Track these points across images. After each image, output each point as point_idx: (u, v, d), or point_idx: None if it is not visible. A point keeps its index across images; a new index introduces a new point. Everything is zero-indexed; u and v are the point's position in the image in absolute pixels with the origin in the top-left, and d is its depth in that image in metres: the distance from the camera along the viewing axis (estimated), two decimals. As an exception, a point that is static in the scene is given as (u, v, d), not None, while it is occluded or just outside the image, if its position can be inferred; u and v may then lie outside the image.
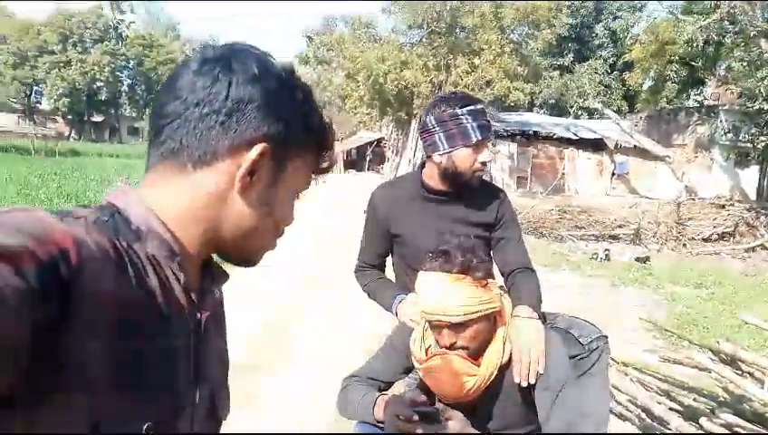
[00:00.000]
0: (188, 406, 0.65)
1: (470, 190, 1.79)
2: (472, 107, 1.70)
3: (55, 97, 47.00)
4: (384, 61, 18.32)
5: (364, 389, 1.61)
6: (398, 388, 1.76)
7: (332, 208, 13.10)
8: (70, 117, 50.49)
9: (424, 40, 19.34)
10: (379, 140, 31.64)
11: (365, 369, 1.70)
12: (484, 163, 1.75)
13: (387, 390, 1.67)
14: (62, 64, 46.73)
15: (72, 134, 50.33)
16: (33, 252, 0.45)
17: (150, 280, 0.60)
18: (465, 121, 1.70)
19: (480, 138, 1.70)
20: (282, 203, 0.71)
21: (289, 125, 0.67)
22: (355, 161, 32.99)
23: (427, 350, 1.53)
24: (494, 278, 1.50)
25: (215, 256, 0.74)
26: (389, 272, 2.03)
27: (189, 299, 0.66)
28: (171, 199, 0.65)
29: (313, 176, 0.75)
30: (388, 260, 2.03)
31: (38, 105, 53.78)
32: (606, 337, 1.63)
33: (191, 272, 0.68)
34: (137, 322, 0.56)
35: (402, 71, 18.30)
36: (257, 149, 0.64)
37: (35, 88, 52.28)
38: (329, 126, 0.74)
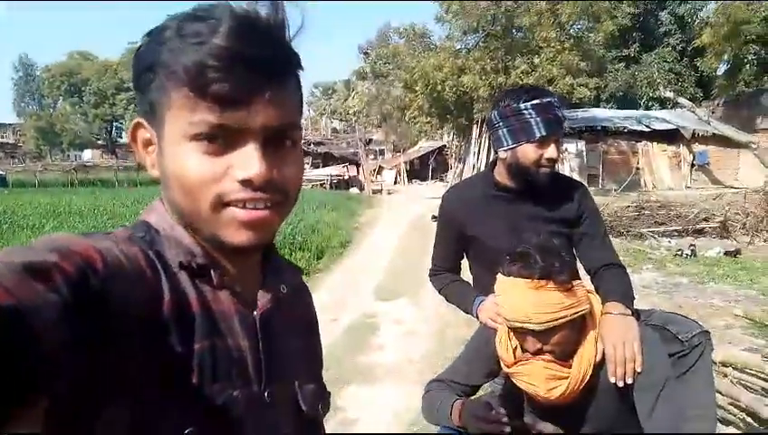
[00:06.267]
0: (251, 407, 0.63)
1: (545, 186, 1.71)
2: (537, 101, 1.64)
3: (133, 131, 51.19)
4: (441, 68, 18.27)
5: (443, 395, 1.57)
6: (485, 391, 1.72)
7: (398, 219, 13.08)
8: (148, 149, 54.88)
9: (480, 44, 19.15)
10: (441, 149, 31.55)
11: (448, 373, 1.67)
12: (550, 159, 1.67)
13: (473, 394, 1.62)
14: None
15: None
16: (62, 266, 0.45)
17: (184, 286, 0.60)
18: (528, 116, 1.64)
19: (544, 133, 1.63)
20: (173, 159, 0.60)
21: (139, 85, 0.63)
22: (418, 171, 32.98)
23: (514, 350, 1.47)
24: (578, 279, 1.43)
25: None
26: (465, 273, 1.98)
27: (238, 299, 0.65)
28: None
29: (209, 105, 0.57)
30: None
31: (119, 140, 58.05)
32: (708, 332, 1.52)
33: (238, 270, 0.66)
34: (172, 327, 0.57)
35: (460, 77, 18.17)
36: (131, 126, 0.66)
37: (115, 124, 56.75)
38: (164, 48, 0.59)
